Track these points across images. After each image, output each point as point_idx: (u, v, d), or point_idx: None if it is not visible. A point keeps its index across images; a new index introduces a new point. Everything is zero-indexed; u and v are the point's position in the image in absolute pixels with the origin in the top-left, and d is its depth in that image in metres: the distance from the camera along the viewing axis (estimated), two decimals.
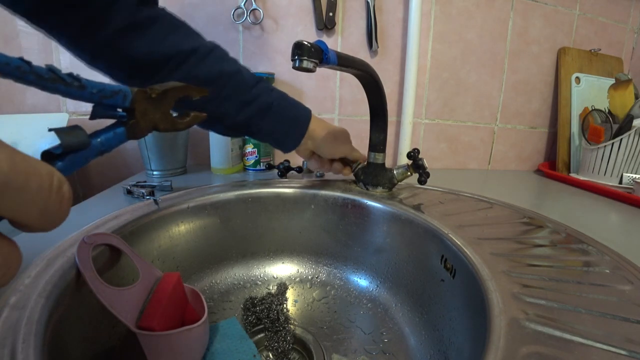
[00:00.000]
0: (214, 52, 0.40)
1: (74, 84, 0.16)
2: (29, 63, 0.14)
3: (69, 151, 0.17)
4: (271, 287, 0.47)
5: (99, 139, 0.19)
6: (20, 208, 0.11)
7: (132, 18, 0.34)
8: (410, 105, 0.69)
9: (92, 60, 0.37)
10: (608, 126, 0.62)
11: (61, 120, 0.64)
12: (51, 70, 0.15)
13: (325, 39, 0.68)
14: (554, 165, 0.76)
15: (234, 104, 0.41)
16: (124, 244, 0.31)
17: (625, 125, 0.60)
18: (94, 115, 0.19)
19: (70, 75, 0.16)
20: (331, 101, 0.71)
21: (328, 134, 0.47)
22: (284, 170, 0.58)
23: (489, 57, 0.73)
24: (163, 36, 0.37)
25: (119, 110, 0.20)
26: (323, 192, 0.49)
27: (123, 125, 0.20)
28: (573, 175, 0.69)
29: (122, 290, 0.26)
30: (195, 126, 0.42)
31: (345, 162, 0.52)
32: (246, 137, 0.59)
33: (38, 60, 0.62)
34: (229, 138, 0.58)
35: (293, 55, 0.36)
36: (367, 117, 0.51)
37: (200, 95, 0.26)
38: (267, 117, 0.43)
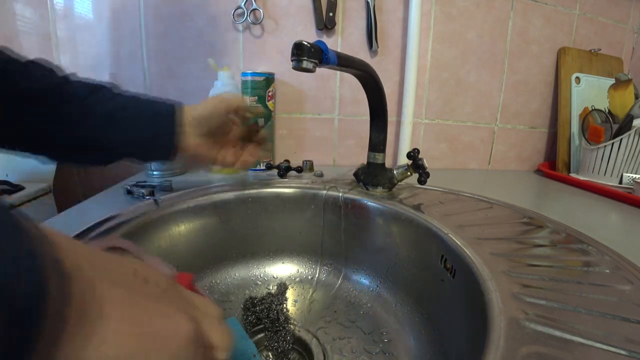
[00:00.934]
0: (31, 67, 0.36)
1: None
2: None
3: None
4: (271, 287, 0.47)
5: None
6: None
7: None
8: (410, 105, 0.69)
9: None
10: (608, 126, 0.62)
11: None
12: None
13: (325, 39, 0.68)
14: (554, 165, 0.76)
15: (65, 120, 0.36)
16: (133, 245, 0.30)
17: (625, 125, 0.60)
18: None
19: None
20: (331, 101, 0.71)
21: (203, 102, 0.41)
22: (284, 170, 0.58)
23: (489, 57, 0.73)
24: None
25: None
26: (323, 192, 0.49)
27: None
28: (573, 175, 0.69)
29: None
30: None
31: (248, 132, 0.46)
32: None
33: None
34: None
35: (293, 55, 0.36)
36: (367, 117, 0.51)
37: None
38: (115, 125, 0.37)
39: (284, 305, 0.43)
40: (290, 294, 0.45)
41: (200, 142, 0.40)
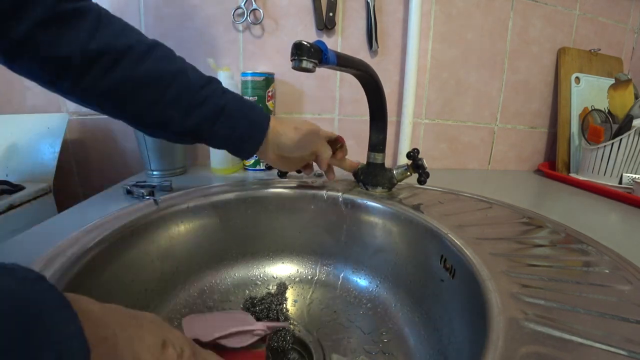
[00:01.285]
0: (155, 50, 0.37)
1: None
2: None
3: None
4: (271, 287, 0.47)
5: None
6: None
7: (53, 11, 0.31)
8: (410, 105, 0.69)
9: (10, 61, 0.32)
10: (608, 126, 0.62)
11: (61, 120, 0.64)
12: None
13: (325, 39, 0.68)
14: (553, 165, 0.76)
15: (180, 108, 0.38)
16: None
17: (625, 125, 0.60)
18: None
19: None
20: (331, 101, 0.71)
21: (293, 129, 0.44)
22: (284, 171, 0.58)
23: (489, 57, 0.73)
24: (91, 31, 0.33)
25: None
26: (323, 192, 0.49)
27: None
28: (573, 175, 0.69)
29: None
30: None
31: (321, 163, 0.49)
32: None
33: None
34: None
35: (292, 55, 0.36)
36: (367, 117, 0.51)
37: None
38: (219, 121, 0.40)
39: (284, 305, 0.43)
40: (290, 294, 0.45)
41: (276, 159, 0.46)
